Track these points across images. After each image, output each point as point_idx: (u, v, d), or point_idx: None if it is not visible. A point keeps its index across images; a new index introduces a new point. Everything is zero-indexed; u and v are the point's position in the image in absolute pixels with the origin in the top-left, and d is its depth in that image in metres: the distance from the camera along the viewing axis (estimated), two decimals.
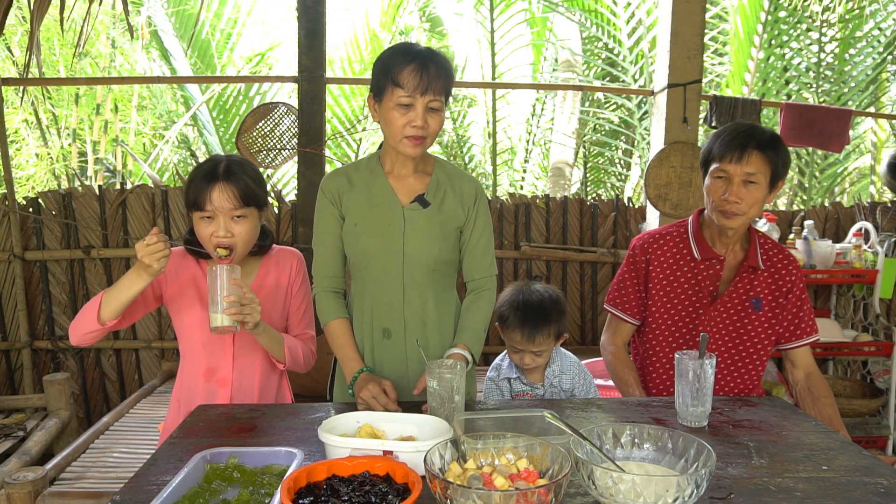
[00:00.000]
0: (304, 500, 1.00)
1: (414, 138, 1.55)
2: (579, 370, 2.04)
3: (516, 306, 1.93)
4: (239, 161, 1.66)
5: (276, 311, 1.77)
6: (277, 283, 1.77)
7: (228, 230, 1.59)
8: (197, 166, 1.67)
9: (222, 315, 1.51)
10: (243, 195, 1.59)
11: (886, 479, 1.20)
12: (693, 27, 3.26)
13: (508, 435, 1.14)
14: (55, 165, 5.37)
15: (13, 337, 3.70)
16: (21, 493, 2.09)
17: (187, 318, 1.71)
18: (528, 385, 1.99)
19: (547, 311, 1.92)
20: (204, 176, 1.59)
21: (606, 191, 6.57)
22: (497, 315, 1.98)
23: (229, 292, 1.50)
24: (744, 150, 1.71)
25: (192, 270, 1.74)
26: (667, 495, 1.00)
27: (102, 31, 5.89)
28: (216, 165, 1.61)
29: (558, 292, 2.01)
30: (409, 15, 6.69)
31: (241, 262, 1.70)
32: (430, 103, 1.53)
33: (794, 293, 1.86)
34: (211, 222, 1.59)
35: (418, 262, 1.65)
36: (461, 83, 6.34)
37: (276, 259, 1.80)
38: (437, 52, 1.57)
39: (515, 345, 1.94)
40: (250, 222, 1.63)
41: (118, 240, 3.68)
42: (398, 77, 1.51)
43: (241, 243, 1.62)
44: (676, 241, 1.91)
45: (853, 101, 5.38)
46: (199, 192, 1.58)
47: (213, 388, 1.71)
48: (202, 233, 1.61)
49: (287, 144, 3.67)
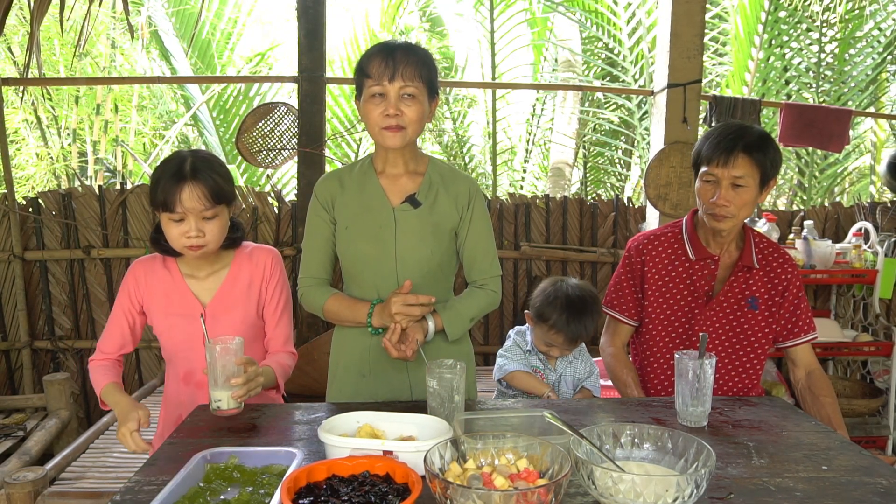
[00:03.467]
0: (304, 500, 1.00)
1: (391, 129, 1.53)
2: (585, 357, 2.17)
3: (560, 308, 1.98)
4: (206, 157, 1.61)
5: (251, 308, 1.72)
6: (251, 280, 1.72)
7: (200, 230, 1.55)
8: (161, 165, 1.60)
9: (228, 398, 1.43)
10: (213, 194, 1.54)
11: (886, 479, 1.20)
12: (693, 27, 3.26)
13: (508, 435, 1.14)
14: (55, 165, 5.37)
15: (13, 337, 3.70)
16: (21, 492, 2.09)
17: (159, 323, 1.69)
18: (544, 364, 2.08)
19: (589, 313, 2.01)
20: (171, 176, 1.53)
21: (606, 191, 6.57)
22: (536, 312, 2.04)
23: (235, 374, 1.44)
24: (730, 153, 1.70)
25: (159, 273, 1.70)
26: (666, 495, 1.00)
27: (103, 31, 5.89)
28: (182, 163, 1.55)
29: (593, 289, 2.08)
30: (409, 15, 6.69)
31: (212, 257, 1.68)
32: (402, 90, 1.52)
33: (791, 291, 1.86)
34: (181, 223, 1.55)
35: (411, 264, 1.63)
36: (461, 83, 6.38)
37: (249, 255, 1.74)
38: (408, 43, 1.57)
39: (554, 343, 2.01)
40: (221, 220, 1.60)
41: (118, 240, 3.68)
42: (367, 68, 1.53)
43: (213, 241, 1.59)
44: (671, 242, 1.91)
45: (853, 101, 5.38)
46: (167, 194, 1.53)
47: (193, 390, 1.69)
48: (171, 233, 1.57)
49: (287, 144, 3.67)
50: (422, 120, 1.57)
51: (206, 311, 1.68)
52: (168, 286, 1.69)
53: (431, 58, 1.59)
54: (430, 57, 1.58)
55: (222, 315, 1.69)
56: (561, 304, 1.98)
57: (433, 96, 1.61)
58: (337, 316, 1.67)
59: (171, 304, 1.68)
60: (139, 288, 1.69)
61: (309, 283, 1.70)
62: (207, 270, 1.71)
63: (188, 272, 1.71)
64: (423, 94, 1.55)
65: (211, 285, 1.71)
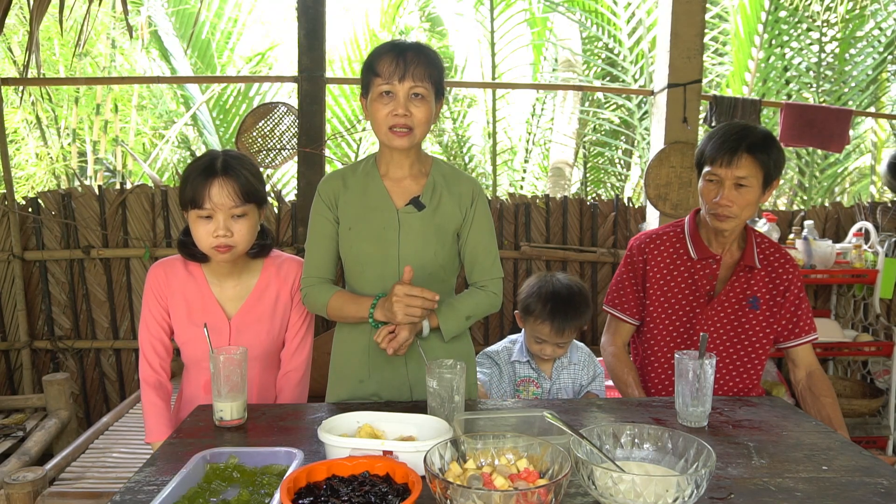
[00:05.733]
0: (304, 500, 1.00)
1: (398, 129, 1.52)
2: (589, 361, 2.07)
3: (544, 298, 1.93)
4: (237, 155, 1.59)
5: (276, 324, 1.70)
6: (277, 296, 1.70)
7: (228, 229, 1.53)
8: (192, 161, 1.58)
9: (232, 409, 1.42)
10: (244, 191, 1.53)
11: (886, 479, 1.20)
12: (693, 27, 3.26)
13: (508, 435, 1.14)
14: (55, 165, 5.37)
15: (13, 337, 3.70)
16: (21, 493, 2.09)
17: (181, 331, 1.67)
18: (536, 371, 1.99)
19: (576, 304, 1.95)
20: (201, 171, 1.52)
21: (606, 191, 6.57)
22: (522, 306, 2.00)
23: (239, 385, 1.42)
24: (734, 153, 1.70)
25: (181, 276, 1.67)
26: (667, 495, 1.00)
27: (102, 31, 5.89)
28: (213, 160, 1.54)
29: (582, 283, 2.03)
30: (409, 15, 6.69)
31: (240, 265, 1.65)
32: (411, 90, 1.51)
33: (792, 292, 1.86)
34: (209, 221, 1.53)
35: (413, 265, 1.60)
36: (461, 83, 6.37)
37: (277, 268, 1.72)
38: (419, 43, 1.56)
39: (541, 336, 1.96)
40: (250, 220, 1.57)
41: (118, 240, 3.68)
42: (376, 67, 1.52)
43: (241, 243, 1.57)
44: (673, 241, 1.91)
45: (853, 100, 5.38)
46: (196, 189, 1.51)
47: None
48: (199, 232, 1.55)
49: (287, 144, 3.67)
50: (429, 121, 1.56)
51: (232, 322, 1.65)
52: (192, 292, 1.65)
53: (440, 59, 1.59)
54: (439, 58, 1.58)
55: (247, 328, 1.66)
56: (546, 294, 1.95)
57: (440, 97, 1.60)
58: (340, 311, 1.63)
59: (193, 311, 1.64)
60: (162, 290, 1.65)
61: (312, 282, 1.68)
62: (235, 279, 1.67)
63: (214, 279, 1.67)
64: (432, 95, 1.55)
65: (237, 295, 1.67)
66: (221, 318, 1.66)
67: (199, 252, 1.60)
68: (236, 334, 1.65)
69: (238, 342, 1.64)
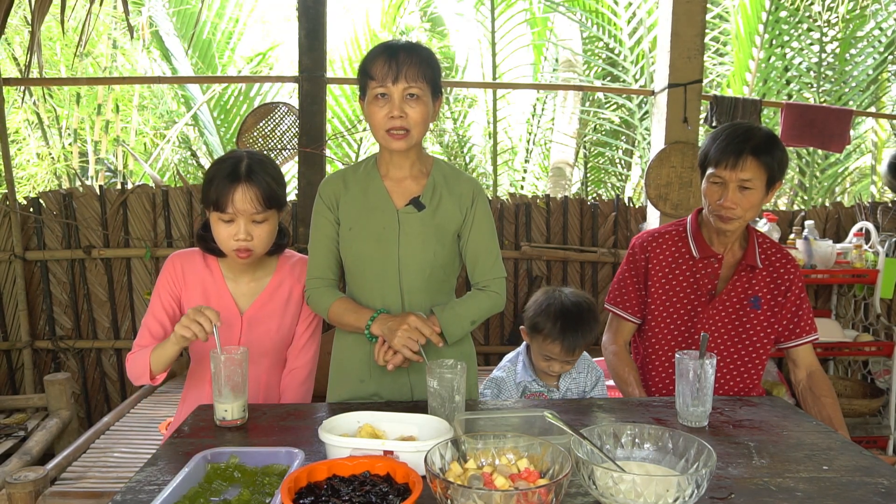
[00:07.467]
0: (305, 500, 1.00)
1: (395, 132, 1.52)
2: (590, 366, 2.05)
3: (553, 316, 1.86)
4: (260, 160, 1.60)
5: (286, 321, 1.72)
6: (290, 294, 1.72)
7: (249, 233, 1.55)
8: (216, 163, 1.60)
9: (233, 409, 1.42)
10: (266, 198, 1.55)
11: (887, 479, 1.20)
12: (693, 27, 3.26)
13: (509, 435, 1.14)
14: (56, 165, 5.38)
15: (14, 337, 3.70)
16: (22, 492, 2.09)
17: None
18: (544, 387, 1.98)
19: (586, 320, 1.88)
20: (226, 176, 1.53)
21: (607, 191, 6.57)
22: (530, 324, 1.92)
23: (240, 385, 1.41)
24: (739, 156, 1.70)
25: (199, 269, 1.69)
26: (667, 495, 1.00)
27: (104, 31, 5.90)
28: (238, 163, 1.55)
29: (590, 297, 1.97)
30: (410, 15, 6.68)
31: (256, 262, 1.67)
32: (406, 91, 1.50)
33: (793, 292, 1.86)
34: (230, 224, 1.55)
35: (414, 266, 1.62)
36: (462, 83, 6.37)
37: (292, 267, 1.74)
38: (411, 43, 1.55)
39: (551, 355, 1.89)
40: (271, 225, 1.60)
41: (119, 240, 3.68)
42: (370, 69, 1.52)
43: (261, 246, 1.60)
44: (675, 240, 1.91)
45: (854, 101, 5.38)
46: (220, 194, 1.52)
47: None
48: (220, 234, 1.57)
49: (287, 144, 3.67)
50: (426, 121, 1.56)
51: (244, 317, 1.67)
52: (208, 285, 1.67)
53: (435, 57, 1.58)
54: (433, 56, 1.57)
55: (258, 324, 1.68)
56: (555, 312, 1.87)
57: (437, 96, 1.60)
58: (340, 319, 1.65)
59: (207, 303, 1.65)
60: (177, 280, 1.67)
61: (315, 284, 1.69)
62: (249, 275, 1.70)
63: (230, 274, 1.69)
64: (427, 94, 1.54)
65: (251, 290, 1.70)
66: (234, 313, 1.68)
67: (217, 247, 1.63)
68: (248, 329, 1.67)
69: (249, 337, 1.66)
